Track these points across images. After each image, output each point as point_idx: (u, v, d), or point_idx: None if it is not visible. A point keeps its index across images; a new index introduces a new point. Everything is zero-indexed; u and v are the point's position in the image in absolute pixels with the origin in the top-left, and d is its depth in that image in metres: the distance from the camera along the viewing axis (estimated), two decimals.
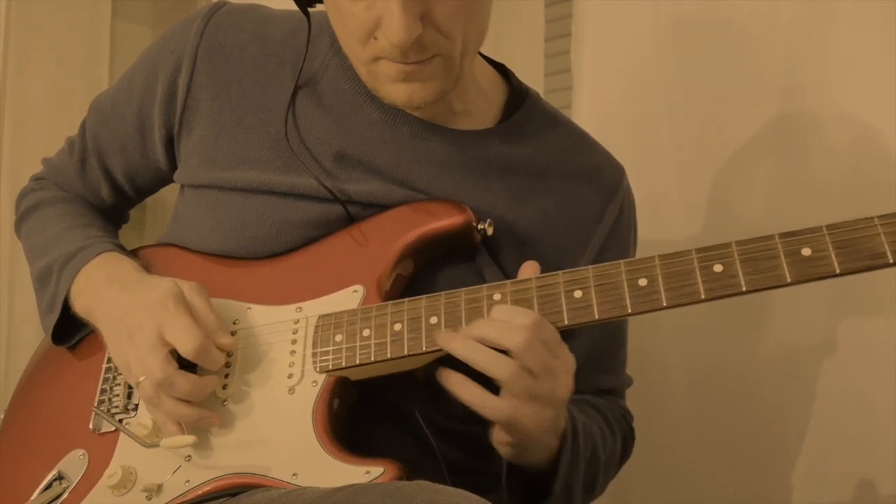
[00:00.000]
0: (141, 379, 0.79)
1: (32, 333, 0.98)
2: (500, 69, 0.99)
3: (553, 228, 0.92)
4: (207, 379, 0.81)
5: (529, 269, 0.80)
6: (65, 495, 0.84)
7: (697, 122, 1.31)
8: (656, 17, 1.36)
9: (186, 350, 0.78)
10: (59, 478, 0.85)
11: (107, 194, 1.04)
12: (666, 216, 1.31)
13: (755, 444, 1.23)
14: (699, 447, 1.29)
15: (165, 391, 0.79)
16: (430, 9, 0.77)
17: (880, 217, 0.68)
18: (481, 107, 0.94)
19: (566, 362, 0.77)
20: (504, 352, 0.74)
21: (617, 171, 0.99)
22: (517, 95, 0.97)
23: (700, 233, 1.28)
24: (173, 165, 0.98)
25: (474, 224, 0.86)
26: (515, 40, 1.51)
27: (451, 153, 0.90)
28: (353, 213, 0.88)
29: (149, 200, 1.10)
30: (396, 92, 0.83)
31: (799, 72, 1.20)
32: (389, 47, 0.78)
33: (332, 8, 0.83)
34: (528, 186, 0.92)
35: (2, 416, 0.96)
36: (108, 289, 0.86)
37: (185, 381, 0.79)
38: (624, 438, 0.98)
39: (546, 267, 0.87)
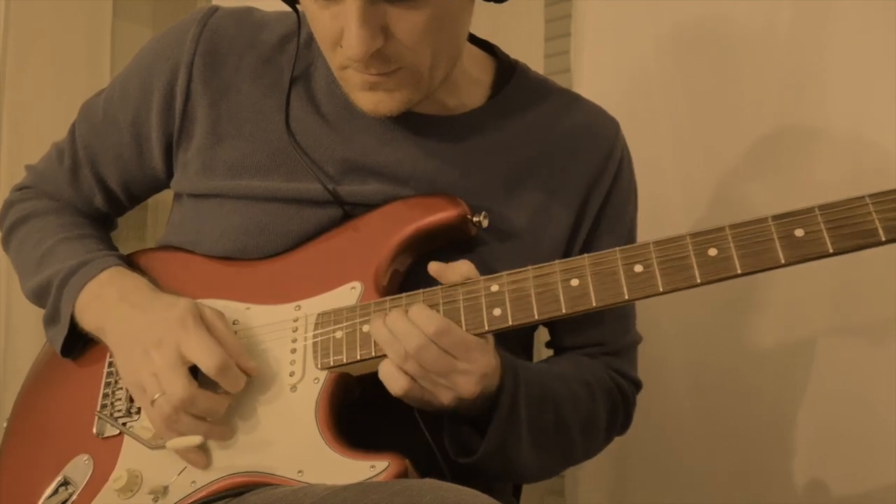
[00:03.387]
0: (157, 396, 0.79)
1: (31, 339, 0.97)
2: (487, 47, 0.99)
3: (556, 194, 0.92)
4: (225, 396, 0.81)
5: (465, 266, 0.80)
6: (71, 500, 0.84)
7: (697, 122, 1.31)
8: (656, 18, 1.36)
9: (209, 367, 0.78)
10: (65, 483, 0.86)
11: (100, 203, 1.02)
12: (666, 217, 1.31)
13: (755, 441, 1.23)
14: (699, 445, 1.29)
15: (186, 409, 0.79)
16: (392, 22, 0.76)
17: (871, 196, 0.69)
18: (473, 92, 0.94)
19: (473, 365, 0.76)
20: None
21: (612, 125, 0.99)
22: (506, 69, 0.97)
23: None
24: (170, 172, 0.97)
25: (469, 217, 0.86)
26: (515, 40, 1.50)
27: (451, 143, 0.90)
28: (358, 215, 0.88)
29: (150, 200, 1.09)
30: (363, 100, 0.83)
31: (799, 72, 1.20)
32: (350, 58, 0.78)
33: (306, 13, 0.82)
34: (528, 157, 0.92)
35: (5, 424, 0.96)
36: (120, 305, 0.86)
37: (206, 399, 0.79)
38: (612, 403, 0.94)
39: (556, 230, 0.89)
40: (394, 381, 0.77)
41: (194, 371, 0.80)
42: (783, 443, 1.21)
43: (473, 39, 0.98)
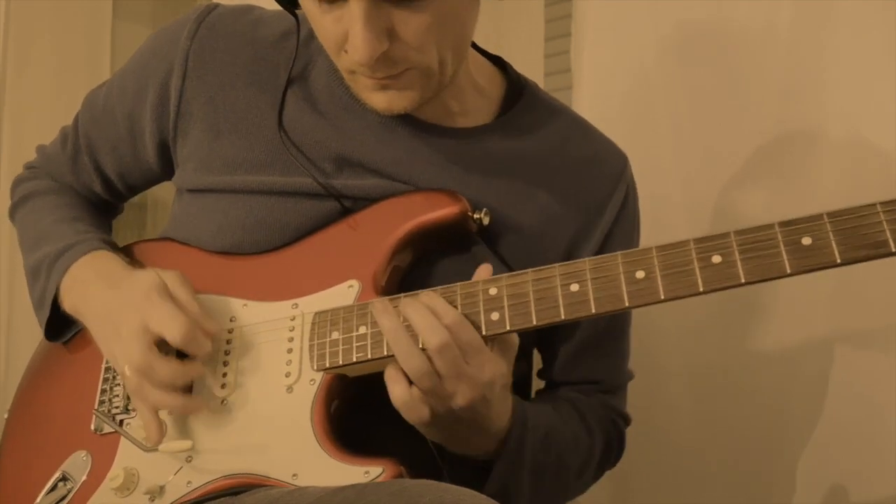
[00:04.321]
0: (126, 369, 0.80)
1: (32, 333, 0.98)
2: (498, 62, 0.98)
3: (557, 220, 0.91)
4: (190, 365, 0.81)
5: (483, 272, 0.79)
6: (70, 496, 0.84)
7: (698, 122, 1.31)
8: (656, 18, 1.35)
9: (174, 336, 0.78)
10: (64, 479, 0.86)
11: (100, 189, 1.04)
12: (666, 218, 1.30)
13: (755, 442, 1.23)
14: (699, 445, 1.29)
15: (147, 378, 0.79)
16: (397, 24, 0.76)
17: (882, 203, 0.65)
18: (479, 104, 0.94)
19: (477, 373, 0.75)
20: None
21: (620, 160, 0.98)
22: (515, 88, 0.96)
23: (702, 234, 1.28)
24: (166, 168, 0.98)
25: (469, 213, 0.85)
26: (515, 40, 1.50)
27: (451, 152, 0.90)
28: (357, 210, 0.88)
29: (149, 200, 1.10)
30: (375, 100, 0.83)
31: (799, 72, 1.19)
32: (356, 63, 0.78)
33: (309, 16, 0.82)
34: (530, 180, 0.91)
35: (5, 417, 0.96)
36: (94, 285, 0.87)
37: (164, 364, 0.79)
38: (607, 442, 0.95)
39: (551, 259, 0.86)
40: (414, 409, 0.75)
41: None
42: (784, 444, 1.21)
43: (483, 53, 0.97)
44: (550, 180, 0.92)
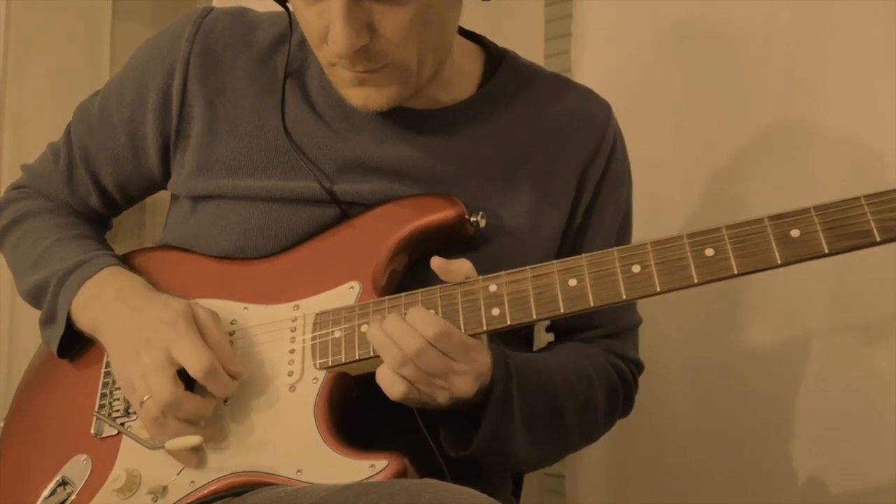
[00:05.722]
0: (145, 398, 0.79)
1: (33, 339, 0.98)
2: (476, 38, 0.99)
3: (552, 180, 0.92)
4: (212, 399, 0.81)
5: (466, 267, 0.80)
6: (69, 500, 0.84)
7: (698, 122, 1.31)
8: (656, 18, 1.36)
9: (195, 370, 0.78)
10: (63, 483, 0.85)
11: (96, 203, 1.02)
12: (666, 217, 1.31)
13: (754, 441, 1.23)
14: (698, 444, 1.29)
15: (172, 413, 0.79)
16: (377, 19, 0.77)
17: (866, 196, 0.69)
18: (463, 84, 0.94)
19: (471, 366, 0.77)
20: None
21: (603, 108, 0.99)
22: (495, 59, 0.97)
23: None
24: (167, 174, 0.97)
25: (467, 217, 0.86)
26: (515, 40, 1.50)
27: (445, 136, 0.91)
28: (356, 215, 0.88)
29: (148, 201, 1.09)
30: (353, 95, 0.84)
31: (798, 72, 1.20)
32: (335, 55, 0.78)
33: (294, 9, 0.83)
34: (521, 145, 0.93)
35: (2, 424, 0.96)
36: (116, 304, 0.86)
37: (192, 402, 0.79)
38: (610, 390, 0.94)
39: (553, 217, 0.90)
40: (392, 386, 0.76)
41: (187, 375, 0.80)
42: (782, 442, 1.21)
43: (462, 32, 0.97)
44: (540, 141, 0.93)
